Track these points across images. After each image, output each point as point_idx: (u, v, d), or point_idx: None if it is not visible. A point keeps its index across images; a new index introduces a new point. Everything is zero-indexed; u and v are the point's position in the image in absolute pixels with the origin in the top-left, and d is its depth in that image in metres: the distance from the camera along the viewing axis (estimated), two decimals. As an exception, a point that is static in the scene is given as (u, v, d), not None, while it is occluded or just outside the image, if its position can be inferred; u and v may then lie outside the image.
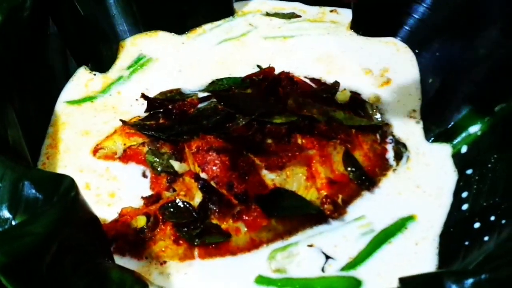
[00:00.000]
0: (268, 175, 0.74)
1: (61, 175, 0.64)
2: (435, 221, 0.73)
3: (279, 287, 0.68)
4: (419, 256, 0.70)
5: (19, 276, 0.50)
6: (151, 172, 0.80)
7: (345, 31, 1.04)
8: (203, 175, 0.73)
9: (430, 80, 0.90)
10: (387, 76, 0.94)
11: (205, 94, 0.89)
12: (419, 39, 0.97)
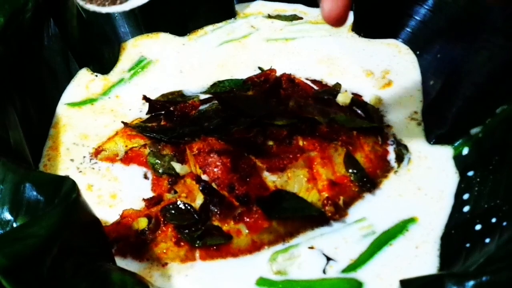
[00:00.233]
0: (269, 177, 0.74)
1: (62, 177, 0.64)
2: (436, 223, 0.73)
3: (280, 289, 0.68)
4: (420, 258, 0.70)
5: (20, 279, 0.50)
6: (152, 174, 0.80)
7: (346, 33, 1.04)
8: (205, 177, 0.73)
9: (432, 82, 0.90)
10: (389, 78, 0.93)
11: (206, 96, 0.89)
12: (421, 41, 0.96)
